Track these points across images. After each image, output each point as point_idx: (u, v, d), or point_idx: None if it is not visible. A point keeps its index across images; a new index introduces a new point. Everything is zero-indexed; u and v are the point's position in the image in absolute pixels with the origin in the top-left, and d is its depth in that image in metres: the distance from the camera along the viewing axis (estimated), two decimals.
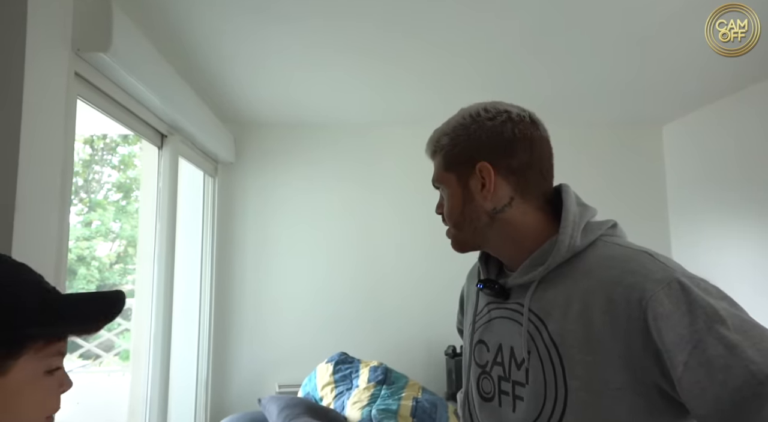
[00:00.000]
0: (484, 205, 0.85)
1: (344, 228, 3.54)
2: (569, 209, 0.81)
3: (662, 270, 0.70)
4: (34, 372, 0.56)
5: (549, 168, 0.89)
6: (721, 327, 0.63)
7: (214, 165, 3.41)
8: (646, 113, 3.52)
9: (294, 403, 2.15)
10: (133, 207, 4.56)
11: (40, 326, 0.56)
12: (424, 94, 3.09)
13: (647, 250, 0.76)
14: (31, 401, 0.56)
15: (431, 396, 2.51)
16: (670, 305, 0.66)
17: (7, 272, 0.59)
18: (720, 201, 3.18)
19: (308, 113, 3.40)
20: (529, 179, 0.85)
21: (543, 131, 0.90)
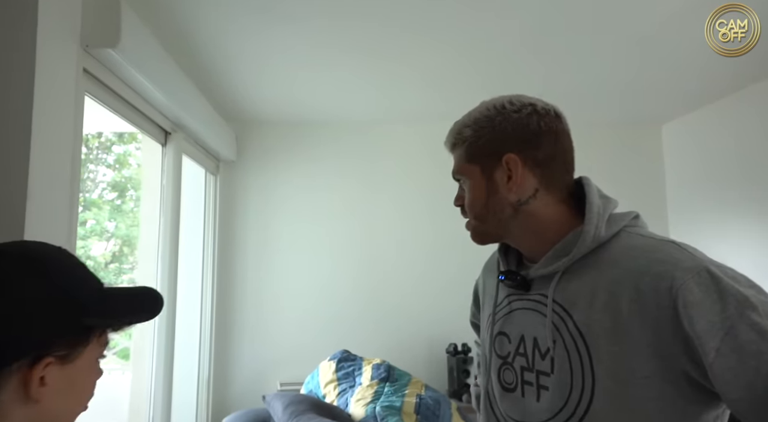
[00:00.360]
0: (508, 197, 0.86)
1: (346, 226, 3.55)
2: (593, 202, 0.81)
3: (690, 259, 0.71)
4: (92, 360, 0.61)
5: (571, 161, 0.88)
6: (753, 313, 0.64)
7: (216, 163, 3.41)
8: (645, 113, 3.55)
9: (299, 400, 2.15)
10: (128, 206, 4.56)
11: (102, 317, 0.60)
12: (426, 92, 3.11)
13: (672, 240, 0.76)
14: (85, 385, 0.61)
15: (434, 393, 2.52)
16: (700, 293, 0.67)
17: (70, 265, 0.62)
18: (719, 200, 3.21)
19: (310, 111, 3.40)
20: (553, 172, 0.85)
21: (566, 125, 0.90)
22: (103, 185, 5.47)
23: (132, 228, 3.25)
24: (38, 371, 0.54)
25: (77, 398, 0.60)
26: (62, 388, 0.57)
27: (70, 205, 1.52)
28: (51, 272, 0.58)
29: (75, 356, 0.58)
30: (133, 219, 3.28)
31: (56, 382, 0.56)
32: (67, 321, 0.56)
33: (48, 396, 0.55)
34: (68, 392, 0.58)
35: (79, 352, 0.58)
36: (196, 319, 3.20)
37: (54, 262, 0.59)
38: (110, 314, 0.62)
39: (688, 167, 3.56)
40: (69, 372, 0.57)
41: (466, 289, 3.77)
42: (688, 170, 3.56)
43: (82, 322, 0.58)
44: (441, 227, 3.61)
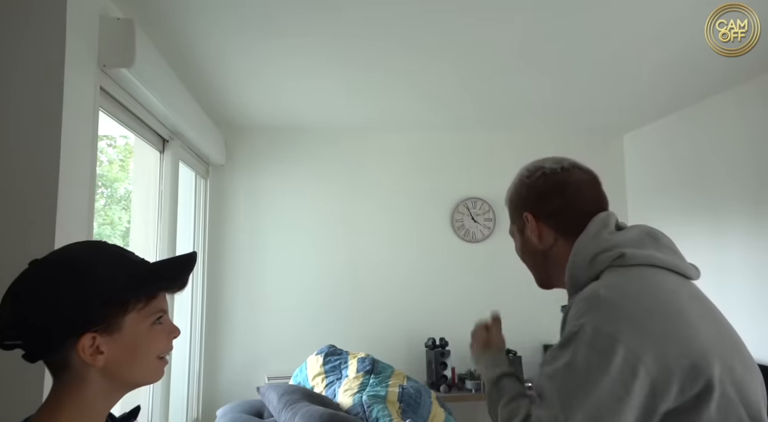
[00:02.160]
0: (538, 246, 1.03)
1: (332, 228, 3.72)
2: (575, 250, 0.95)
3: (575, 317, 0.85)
4: (142, 325, 0.75)
5: (586, 205, 1.00)
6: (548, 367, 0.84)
7: (206, 167, 3.54)
8: (609, 122, 3.81)
9: (292, 390, 2.33)
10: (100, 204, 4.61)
11: (133, 290, 0.74)
12: (413, 102, 3.29)
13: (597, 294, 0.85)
14: (144, 347, 0.75)
15: (415, 383, 2.72)
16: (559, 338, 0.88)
17: (99, 254, 0.77)
18: (675, 207, 3.50)
19: (298, 117, 3.55)
20: (565, 220, 1.00)
21: (580, 175, 1.04)
22: None
23: (103, 226, 3.25)
24: (84, 343, 0.69)
25: (143, 355, 0.75)
26: (121, 351, 0.72)
27: (89, 201, 1.68)
28: (77, 268, 0.72)
29: (118, 326, 0.72)
30: (104, 217, 3.30)
31: (111, 348, 0.71)
32: (97, 301, 0.70)
33: (109, 359, 0.71)
34: (130, 352, 0.73)
35: (120, 323, 0.72)
36: (187, 317, 3.33)
37: (78, 258, 0.74)
38: (143, 286, 0.75)
39: (646, 175, 3.85)
40: (121, 338, 0.72)
41: (444, 288, 4.00)
42: (646, 178, 3.84)
43: (115, 298, 0.72)
44: (422, 231, 3.82)
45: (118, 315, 0.72)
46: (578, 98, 3.28)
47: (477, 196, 3.91)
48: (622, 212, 4.03)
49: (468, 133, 3.93)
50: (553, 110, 3.52)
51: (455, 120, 3.68)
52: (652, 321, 0.80)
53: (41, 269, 0.72)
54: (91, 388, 0.71)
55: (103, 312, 0.71)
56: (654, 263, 0.91)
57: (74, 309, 0.69)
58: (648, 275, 0.89)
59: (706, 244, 3.20)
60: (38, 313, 0.68)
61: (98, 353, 0.70)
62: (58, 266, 0.72)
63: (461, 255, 3.83)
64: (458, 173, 3.92)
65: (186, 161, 3.03)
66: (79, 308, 0.69)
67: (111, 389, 0.74)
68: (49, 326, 0.68)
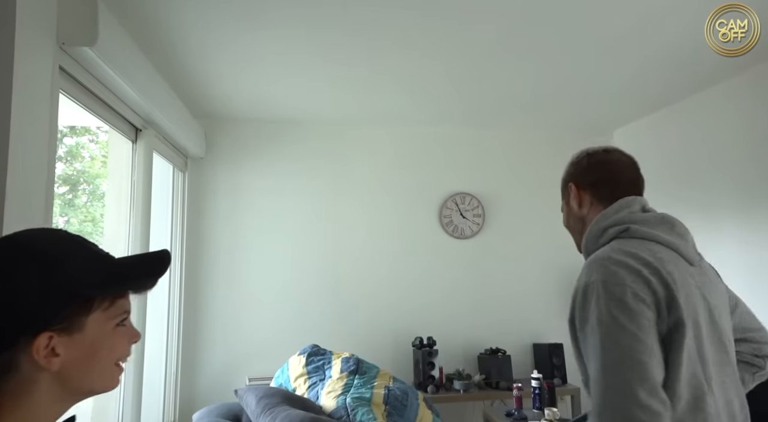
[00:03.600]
0: (578, 213, 1.21)
1: (315, 224, 3.60)
2: (593, 223, 1.14)
3: (585, 276, 1.00)
4: (105, 326, 0.67)
5: (623, 182, 1.17)
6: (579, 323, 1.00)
7: (184, 160, 3.39)
8: (599, 118, 3.74)
9: (271, 393, 2.21)
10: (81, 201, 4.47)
11: (100, 288, 0.66)
12: (397, 96, 3.19)
13: (606, 256, 1.00)
14: (104, 351, 0.67)
15: (402, 384, 2.62)
16: (571, 303, 1.03)
17: (64, 245, 0.67)
18: (665, 204, 3.44)
19: (281, 110, 3.43)
20: (602, 191, 1.17)
21: (619, 156, 1.21)
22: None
23: (85, 223, 3.17)
24: (39, 344, 0.61)
25: (101, 359, 0.67)
26: (79, 354, 0.64)
27: (46, 201, 1.53)
28: (38, 256, 0.63)
29: (78, 326, 0.64)
30: (86, 214, 3.20)
31: (69, 350, 0.63)
32: (58, 297, 0.62)
33: (65, 362, 0.62)
34: (89, 356, 0.65)
35: (81, 322, 0.64)
36: (163, 316, 3.19)
37: (43, 247, 0.65)
38: (109, 284, 0.67)
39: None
40: (81, 340, 0.64)
41: (432, 285, 3.92)
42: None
43: (79, 295, 0.64)
44: (407, 227, 3.71)
45: (81, 314, 0.64)
46: (567, 92, 3.20)
47: (466, 191, 3.81)
48: None
49: (457, 128, 3.83)
50: (542, 105, 3.43)
51: (443, 115, 3.58)
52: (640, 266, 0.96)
53: (3, 254, 0.63)
54: (39, 395, 0.62)
55: (65, 310, 0.63)
56: (656, 240, 1.04)
57: (33, 304, 0.60)
58: (646, 244, 1.02)
59: (699, 239, 3.07)
60: None
61: (53, 355, 0.62)
62: (20, 252, 0.63)
63: (450, 252, 3.74)
64: (447, 168, 3.82)
65: (162, 153, 2.89)
66: (39, 303, 0.61)
67: (61, 397, 0.65)
68: (3, 319, 0.60)
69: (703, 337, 0.96)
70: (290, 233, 3.57)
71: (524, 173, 3.91)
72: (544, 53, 2.61)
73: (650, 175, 1.06)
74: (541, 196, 3.88)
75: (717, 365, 0.97)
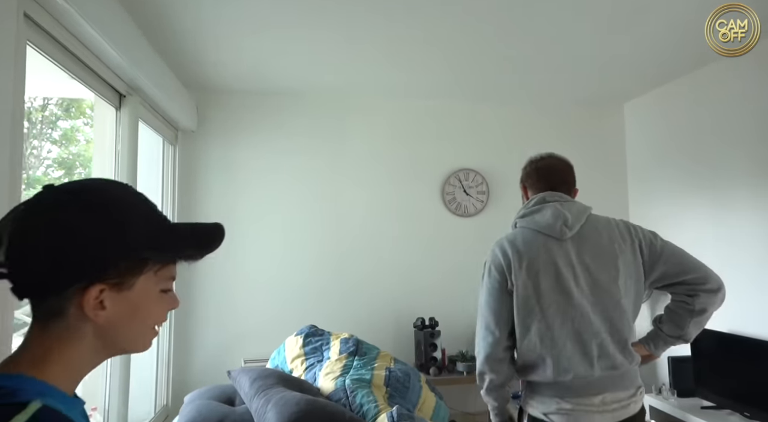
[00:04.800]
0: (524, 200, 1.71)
1: (312, 199, 3.45)
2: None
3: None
4: (152, 290, 0.67)
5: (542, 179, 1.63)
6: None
7: (175, 132, 3.23)
8: (609, 91, 3.58)
9: (266, 374, 2.08)
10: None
11: (157, 251, 0.66)
12: (402, 67, 3.03)
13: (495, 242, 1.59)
14: (146, 312, 0.67)
15: (403, 366, 2.49)
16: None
17: (131, 202, 0.66)
18: (676, 176, 3.29)
19: (278, 82, 3.26)
20: (530, 185, 1.66)
21: (547, 162, 1.66)
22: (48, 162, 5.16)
23: None
24: (91, 294, 0.60)
25: (141, 321, 0.67)
26: (123, 311, 0.63)
27: (11, 182, 1.37)
28: (109, 207, 0.62)
29: (129, 284, 0.63)
30: None
31: (115, 306, 0.62)
32: (119, 252, 0.61)
33: (109, 317, 0.62)
34: (131, 315, 0.65)
35: (133, 281, 0.64)
36: None
37: (113, 198, 0.64)
38: (166, 249, 0.67)
39: (647, 146, 3.63)
40: (128, 298, 0.64)
41: (434, 265, 3.79)
42: (647, 149, 3.63)
43: (137, 254, 0.63)
44: (409, 205, 3.57)
45: (135, 273, 0.64)
46: (575, 65, 3.04)
47: (470, 167, 3.66)
48: (621, 185, 3.82)
49: (459, 102, 3.66)
50: (550, 78, 3.27)
51: (446, 88, 3.42)
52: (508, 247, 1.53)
53: (73, 199, 0.61)
54: (82, 344, 0.62)
55: (122, 266, 0.62)
56: (530, 227, 1.54)
57: (93, 254, 0.60)
58: (516, 232, 1.57)
59: (710, 216, 3.01)
60: (55, 246, 0.58)
61: (101, 308, 0.62)
62: (88, 200, 0.62)
63: (453, 230, 3.59)
64: (450, 143, 3.66)
65: (149, 123, 2.73)
66: (98, 254, 0.60)
67: (98, 350, 0.65)
68: (62, 264, 0.58)
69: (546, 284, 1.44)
70: (287, 210, 3.42)
71: (530, 149, 3.72)
72: (551, 23, 2.45)
73: (661, 150, 0.96)
74: None
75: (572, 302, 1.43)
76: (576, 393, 1.37)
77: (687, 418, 2.67)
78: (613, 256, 1.44)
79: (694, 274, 1.45)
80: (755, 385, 2.55)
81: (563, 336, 1.39)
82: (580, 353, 1.38)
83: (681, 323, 1.46)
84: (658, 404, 2.92)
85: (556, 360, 1.39)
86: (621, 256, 1.44)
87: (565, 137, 3.76)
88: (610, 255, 1.44)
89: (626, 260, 1.44)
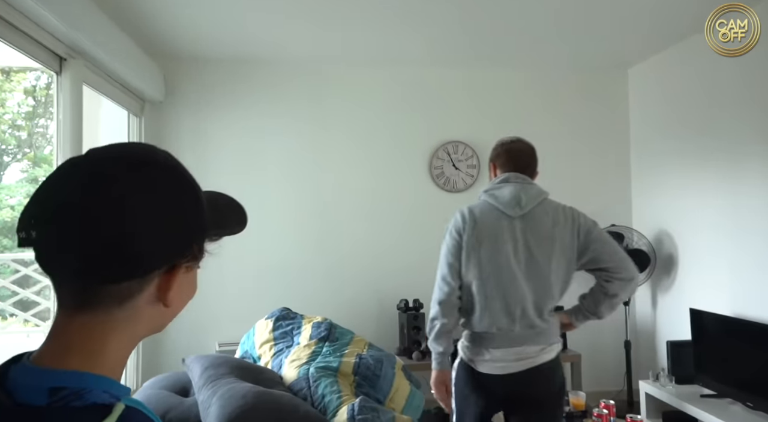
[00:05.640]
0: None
1: (290, 175, 3.26)
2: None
3: None
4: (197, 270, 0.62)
5: (510, 161, 1.77)
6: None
7: (140, 104, 3.03)
8: (612, 55, 3.31)
9: (219, 362, 1.92)
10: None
11: (216, 226, 0.60)
12: (383, 28, 2.80)
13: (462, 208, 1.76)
14: (190, 294, 0.61)
15: (377, 352, 2.33)
16: None
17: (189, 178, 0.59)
18: (682, 147, 3.04)
19: (252, 48, 3.06)
20: (499, 166, 1.79)
21: (509, 146, 1.80)
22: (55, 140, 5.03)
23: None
24: (176, 275, 0.55)
25: (185, 302, 0.61)
26: (182, 292, 0.58)
27: None
28: (190, 180, 0.58)
29: (196, 263, 0.59)
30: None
31: (179, 286, 0.57)
32: (200, 229, 0.57)
33: (172, 298, 0.56)
34: (186, 296, 0.60)
35: (197, 261, 0.59)
36: None
37: (183, 169, 0.59)
38: (221, 225, 0.62)
39: (652, 112, 3.37)
40: (189, 278, 0.59)
41: (421, 244, 3.57)
42: (652, 115, 3.37)
43: (207, 231, 0.58)
44: (393, 180, 3.36)
45: (202, 251, 0.58)
46: (575, 24, 2.78)
47: (459, 140, 3.43)
48: (624, 156, 3.57)
49: (450, 67, 3.41)
50: (548, 40, 3.01)
51: (435, 51, 3.17)
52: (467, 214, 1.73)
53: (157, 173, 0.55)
54: (135, 330, 0.55)
55: (199, 245, 0.57)
56: (489, 201, 1.72)
57: (185, 232, 0.54)
58: (478, 203, 1.76)
59: (720, 189, 2.78)
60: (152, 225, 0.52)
61: (170, 289, 0.55)
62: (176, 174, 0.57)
63: (441, 207, 3.37)
64: (438, 114, 3.43)
65: (104, 91, 2.54)
66: (187, 231, 0.55)
67: (141, 335, 0.58)
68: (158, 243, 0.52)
69: (491, 251, 1.66)
70: (264, 187, 3.23)
71: (527, 119, 3.51)
72: None
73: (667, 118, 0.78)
74: (546, 145, 3.43)
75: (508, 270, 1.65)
76: (499, 344, 1.65)
77: (685, 408, 2.49)
78: (552, 238, 1.66)
79: (613, 263, 1.66)
80: (759, 373, 2.34)
81: (495, 296, 1.65)
82: (505, 311, 1.65)
83: (596, 302, 1.70)
84: (654, 391, 2.74)
85: (483, 312, 1.66)
86: (559, 239, 1.66)
87: (565, 106, 3.51)
88: (549, 237, 1.66)
89: (563, 243, 1.66)
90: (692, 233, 2.97)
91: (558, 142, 3.47)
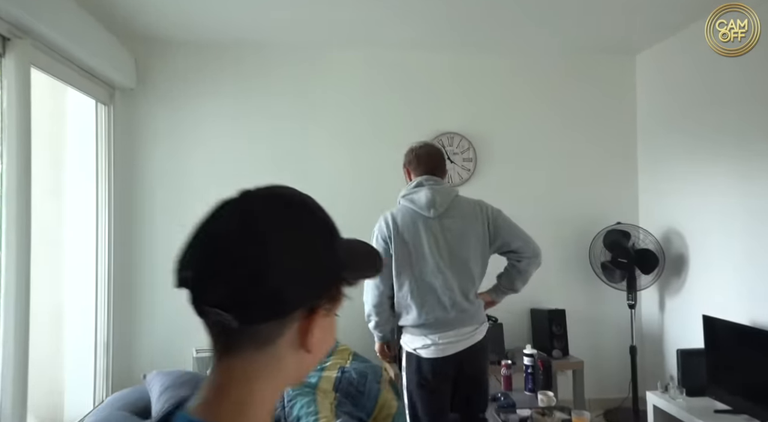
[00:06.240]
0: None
1: (272, 167, 3.03)
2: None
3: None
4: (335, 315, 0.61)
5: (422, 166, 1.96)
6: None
7: (109, 91, 2.80)
8: (619, 40, 3.08)
9: (181, 381, 1.71)
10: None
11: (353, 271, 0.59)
12: (375, 10, 2.59)
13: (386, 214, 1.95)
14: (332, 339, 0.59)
15: (361, 363, 2.13)
16: None
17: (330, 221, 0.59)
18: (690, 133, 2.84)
19: (230, 30, 2.85)
20: (413, 170, 1.99)
21: (423, 150, 2.00)
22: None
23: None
24: (317, 321, 0.54)
25: (323, 351, 0.58)
26: (322, 338, 0.55)
27: None
28: (328, 222, 0.58)
29: (336, 306, 0.57)
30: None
31: (320, 332, 0.55)
32: (336, 272, 0.56)
33: (314, 344, 0.54)
34: (326, 342, 0.57)
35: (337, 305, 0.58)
36: (90, 274, 2.70)
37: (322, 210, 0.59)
38: (356, 269, 0.60)
39: (660, 99, 3.16)
40: (327, 324, 0.56)
41: None
42: (659, 102, 3.16)
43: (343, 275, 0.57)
44: (383, 174, 3.12)
45: (341, 295, 0.57)
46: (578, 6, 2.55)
47: (454, 131, 3.21)
48: (630, 149, 3.35)
49: (444, 52, 3.18)
50: (552, 22, 2.78)
51: (428, 34, 2.95)
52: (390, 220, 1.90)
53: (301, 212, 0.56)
54: (278, 379, 0.53)
55: (338, 287, 0.56)
56: (408, 205, 1.89)
57: (324, 273, 0.54)
58: (398, 208, 1.93)
59: (732, 185, 2.59)
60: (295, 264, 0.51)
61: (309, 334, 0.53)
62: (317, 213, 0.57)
63: None
64: (432, 103, 3.21)
65: (62, 76, 2.32)
66: (327, 273, 0.55)
67: (286, 384, 0.56)
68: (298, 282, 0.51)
69: (416, 251, 1.84)
70: (245, 180, 2.97)
71: (526, 109, 3.29)
72: None
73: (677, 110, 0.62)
74: (545, 137, 3.28)
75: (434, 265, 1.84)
76: (436, 329, 1.80)
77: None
78: (467, 231, 1.86)
79: (519, 244, 1.90)
80: None
81: (426, 290, 1.82)
82: (437, 302, 1.81)
83: (511, 280, 1.95)
84: (662, 404, 2.54)
85: (421, 308, 1.81)
86: (473, 231, 1.86)
87: (567, 94, 3.29)
88: (465, 230, 1.86)
89: (477, 233, 1.86)
90: (703, 233, 2.76)
91: (558, 135, 3.26)
